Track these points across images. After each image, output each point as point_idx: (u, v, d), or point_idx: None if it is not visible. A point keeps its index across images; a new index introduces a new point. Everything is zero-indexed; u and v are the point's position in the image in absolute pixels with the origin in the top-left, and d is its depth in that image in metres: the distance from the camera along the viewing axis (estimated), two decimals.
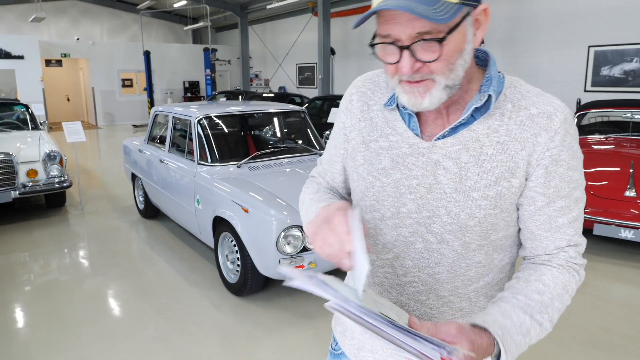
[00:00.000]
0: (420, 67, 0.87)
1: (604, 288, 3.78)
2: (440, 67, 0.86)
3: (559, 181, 0.92)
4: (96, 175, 8.22)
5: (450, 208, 0.95)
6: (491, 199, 0.93)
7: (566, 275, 0.94)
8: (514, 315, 0.87)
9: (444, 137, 0.96)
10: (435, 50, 0.84)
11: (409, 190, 0.98)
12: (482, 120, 0.94)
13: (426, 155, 0.97)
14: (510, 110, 0.94)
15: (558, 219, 0.94)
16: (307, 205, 1.12)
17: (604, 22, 9.27)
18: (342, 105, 1.14)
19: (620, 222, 4.16)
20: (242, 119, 4.70)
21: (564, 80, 10.04)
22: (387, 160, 1.01)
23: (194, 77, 19.44)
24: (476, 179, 0.93)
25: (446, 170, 0.95)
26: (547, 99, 0.94)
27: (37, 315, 3.40)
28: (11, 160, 5.22)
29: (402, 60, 0.86)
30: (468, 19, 0.86)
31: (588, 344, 3.02)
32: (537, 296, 0.91)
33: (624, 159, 4.66)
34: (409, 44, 0.84)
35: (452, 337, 0.77)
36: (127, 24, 20.62)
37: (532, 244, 0.98)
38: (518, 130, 0.92)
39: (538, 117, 0.92)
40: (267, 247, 3.16)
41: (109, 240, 4.93)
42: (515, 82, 0.98)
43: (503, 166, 0.92)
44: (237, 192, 3.52)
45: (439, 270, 1.00)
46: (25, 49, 14.80)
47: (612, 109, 5.79)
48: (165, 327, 3.23)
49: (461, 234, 0.96)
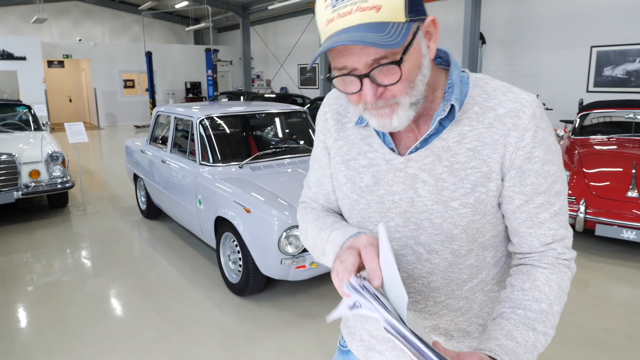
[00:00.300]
0: (383, 92, 0.86)
1: (605, 288, 3.77)
2: (402, 88, 0.86)
3: (535, 178, 0.92)
4: (98, 175, 8.24)
5: (433, 220, 0.95)
6: (471, 206, 0.93)
7: (558, 275, 0.93)
8: (517, 334, 0.88)
9: (416, 149, 0.95)
10: (395, 72, 0.83)
11: (393, 206, 0.99)
12: (451, 127, 0.93)
13: (403, 170, 0.97)
14: (478, 112, 0.92)
15: (539, 215, 0.93)
16: (313, 235, 1.09)
17: (607, 22, 9.26)
18: (318, 125, 1.13)
19: (622, 223, 4.15)
20: (243, 120, 4.70)
21: (566, 81, 10.02)
22: (368, 178, 1.01)
23: (195, 78, 19.47)
24: (453, 188, 0.93)
25: (424, 182, 0.95)
26: (514, 95, 0.92)
27: (39, 315, 3.41)
28: (14, 160, 5.24)
29: (363, 89, 0.85)
30: (419, 33, 0.85)
31: (589, 344, 3.01)
32: (536, 306, 0.91)
33: (627, 160, 4.65)
34: (368, 72, 0.83)
35: None
36: (129, 25, 20.65)
37: (518, 240, 0.98)
38: (487, 133, 0.91)
39: (505, 116, 0.91)
40: (269, 247, 3.16)
41: (111, 240, 4.94)
42: (481, 81, 0.96)
43: (477, 172, 0.92)
44: (239, 192, 3.52)
45: (432, 279, 1.00)
46: (27, 50, 14.84)
47: (615, 109, 5.78)
48: (166, 327, 3.23)
49: (448, 243, 0.97)
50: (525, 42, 10.64)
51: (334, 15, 0.81)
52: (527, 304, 0.91)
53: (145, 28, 20.09)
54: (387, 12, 0.79)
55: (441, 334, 1.07)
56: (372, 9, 0.78)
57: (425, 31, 0.87)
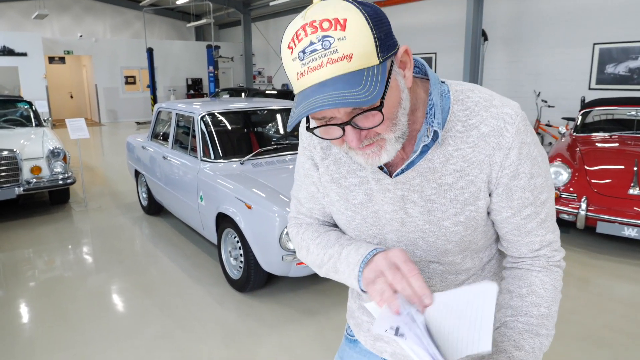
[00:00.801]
0: (367, 133, 0.84)
1: (606, 286, 3.77)
2: (385, 127, 0.83)
3: (522, 192, 0.92)
4: (99, 172, 8.24)
5: (427, 238, 0.97)
6: (462, 224, 0.94)
7: (552, 276, 0.97)
8: (524, 343, 0.91)
9: (402, 171, 0.94)
10: (376, 115, 0.80)
11: (388, 222, 0.99)
12: (435, 147, 0.92)
13: (392, 192, 0.96)
14: (461, 131, 0.90)
15: (527, 225, 0.95)
16: (318, 254, 1.06)
17: (609, 20, 9.23)
18: (303, 142, 1.10)
19: (623, 220, 4.14)
20: (245, 116, 4.70)
21: (568, 78, 10.00)
22: (361, 195, 1.01)
23: (196, 74, 19.45)
24: (443, 209, 0.93)
25: (414, 203, 0.95)
26: (497, 110, 0.90)
27: (41, 311, 3.41)
28: (15, 157, 5.24)
29: (347, 135, 0.82)
30: (394, 68, 0.82)
31: (589, 341, 3.01)
32: (536, 311, 0.94)
33: (628, 157, 4.64)
34: (349, 120, 0.80)
35: None
36: (130, 21, 20.62)
37: (507, 245, 1.00)
38: (472, 153, 0.90)
39: (489, 136, 0.89)
40: (270, 244, 3.16)
41: (113, 236, 4.94)
42: (462, 95, 0.92)
43: (466, 192, 0.92)
44: (240, 188, 3.52)
45: (432, 282, 1.04)
46: (28, 46, 14.83)
47: (617, 106, 5.76)
48: (168, 324, 3.24)
49: (443, 256, 0.99)
50: (527, 39, 10.60)
51: (304, 69, 0.77)
52: (527, 310, 0.94)
53: (147, 24, 20.06)
54: (359, 60, 0.75)
55: None
56: (344, 58, 0.74)
57: (400, 61, 0.84)
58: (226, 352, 2.91)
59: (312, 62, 0.76)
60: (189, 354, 2.89)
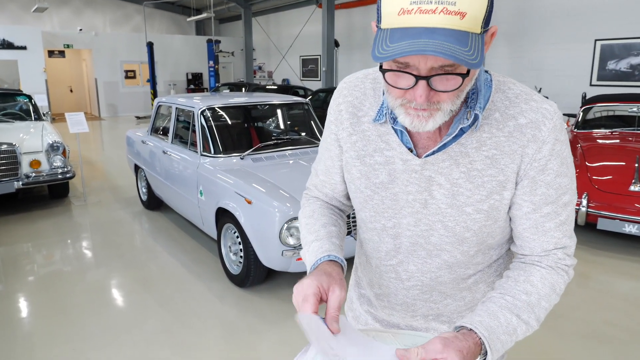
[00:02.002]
0: (433, 96, 0.82)
1: (607, 282, 3.76)
2: (450, 96, 0.82)
3: (546, 189, 0.92)
4: (99, 166, 8.23)
5: (446, 222, 0.97)
6: (484, 212, 0.94)
7: (555, 276, 0.95)
8: (500, 315, 0.89)
9: (433, 152, 0.94)
10: (455, 82, 0.80)
11: (407, 204, 0.99)
12: (471, 133, 0.92)
13: (419, 172, 0.96)
14: (499, 120, 0.91)
15: (545, 224, 0.94)
16: (303, 233, 1.11)
17: (611, 16, 9.19)
18: (331, 116, 1.09)
19: (624, 217, 4.13)
20: (245, 111, 4.68)
21: (569, 74, 9.97)
22: (384, 175, 1.00)
23: (197, 69, 19.39)
24: (468, 194, 0.94)
25: (439, 186, 0.95)
26: (536, 104, 0.91)
27: (40, 306, 3.41)
28: (14, 150, 5.22)
29: (417, 89, 0.80)
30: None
31: (590, 337, 3.01)
32: (525, 297, 0.92)
33: (630, 154, 4.62)
34: (429, 75, 0.78)
35: (440, 352, 0.78)
36: (130, 15, 20.54)
37: (520, 243, 0.99)
38: (507, 142, 0.91)
39: (526, 127, 0.90)
40: (270, 239, 3.15)
41: (112, 231, 4.93)
42: (504, 86, 0.94)
43: (494, 180, 0.92)
44: (240, 183, 3.51)
45: (440, 273, 1.03)
46: (27, 40, 14.76)
47: (618, 103, 5.74)
48: (167, 319, 3.23)
49: (458, 244, 0.98)
50: (529, 35, 10.57)
51: (414, 7, 0.73)
52: (516, 294, 0.92)
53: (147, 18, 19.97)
54: (469, 22, 0.74)
55: (444, 322, 1.12)
56: (457, 14, 0.73)
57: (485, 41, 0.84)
58: (225, 347, 2.91)
59: (425, 4, 0.73)
60: (189, 349, 2.88)
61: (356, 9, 14.94)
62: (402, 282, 1.07)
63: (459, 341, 0.81)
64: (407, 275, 1.06)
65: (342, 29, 15.32)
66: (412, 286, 1.07)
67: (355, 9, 14.94)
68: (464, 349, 0.80)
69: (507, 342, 0.88)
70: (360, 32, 15.03)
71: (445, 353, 0.77)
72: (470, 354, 0.81)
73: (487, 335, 0.84)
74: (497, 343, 0.85)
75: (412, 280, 1.06)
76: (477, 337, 0.84)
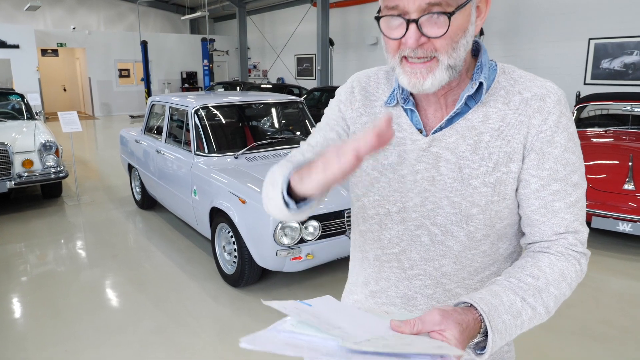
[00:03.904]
0: (425, 43, 0.85)
1: (601, 280, 3.78)
2: (444, 45, 0.85)
3: (553, 163, 0.91)
4: (92, 165, 8.18)
5: (452, 198, 0.95)
6: (491, 185, 0.93)
7: (564, 263, 0.90)
8: (503, 295, 0.84)
9: (441, 129, 0.96)
10: (443, 25, 0.83)
11: (414, 185, 0.99)
12: (477, 108, 0.94)
13: (427, 150, 0.97)
14: (504, 96, 0.94)
15: (554, 203, 0.92)
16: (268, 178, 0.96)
17: (605, 15, 9.22)
18: (341, 96, 1.10)
19: (618, 215, 4.15)
20: (239, 110, 4.66)
21: (563, 73, 10.00)
22: (394, 156, 1.00)
23: (191, 68, 19.32)
24: (474, 166, 0.93)
25: (446, 161, 0.95)
26: (540, 82, 0.94)
27: (33, 306, 3.38)
28: (6, 150, 5.18)
29: (407, 33, 0.84)
30: (473, 1, 0.87)
31: (584, 335, 3.02)
32: (532, 280, 0.87)
33: (623, 152, 4.64)
34: (417, 17, 0.83)
35: (438, 323, 0.75)
36: (124, 14, 20.43)
37: (530, 230, 0.96)
38: (512, 114, 0.92)
39: (531, 99, 0.92)
40: (264, 239, 3.14)
41: (106, 231, 4.90)
42: (508, 69, 0.97)
43: (500, 152, 0.92)
44: (234, 182, 3.49)
45: (444, 262, 1.00)
46: (20, 38, 14.65)
47: (612, 101, 5.76)
48: (162, 319, 3.21)
49: (465, 223, 0.96)
50: (523, 33, 10.59)
51: None
52: (522, 277, 0.88)
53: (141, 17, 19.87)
54: None
55: None
56: None
57: (477, 5, 0.89)
58: (220, 347, 2.89)
59: None
60: (183, 349, 2.87)
61: (351, 8, 14.92)
62: (404, 272, 1.03)
63: (458, 314, 0.77)
64: (409, 263, 1.02)
65: (337, 27, 15.30)
66: (414, 275, 1.03)
67: (350, 7, 14.93)
68: (463, 322, 0.76)
69: (511, 324, 0.82)
70: (355, 31, 15.02)
71: (444, 325, 0.74)
72: (469, 328, 0.77)
73: (487, 311, 0.80)
74: (499, 322, 0.80)
75: (415, 269, 1.02)
76: (477, 313, 0.80)
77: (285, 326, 0.74)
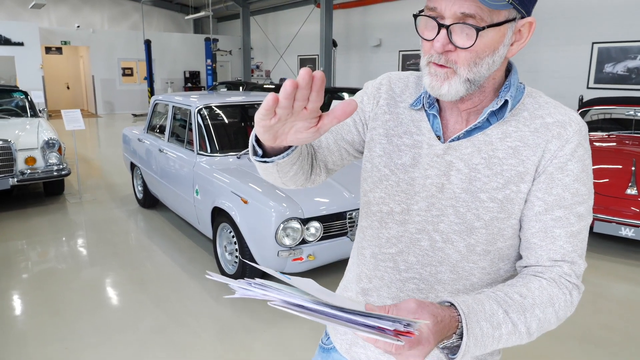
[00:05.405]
0: (451, 52, 0.87)
1: (603, 285, 3.77)
2: (466, 58, 0.86)
3: (561, 190, 0.90)
4: (95, 164, 8.19)
5: (458, 208, 0.95)
6: (499, 201, 0.93)
7: (555, 289, 0.88)
8: (487, 304, 0.83)
9: (458, 139, 0.97)
10: (471, 37, 0.84)
11: (422, 189, 0.99)
12: (498, 125, 0.94)
13: (441, 157, 0.98)
14: (526, 118, 0.94)
15: (555, 230, 0.90)
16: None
17: (608, 19, 9.21)
18: (368, 89, 1.12)
19: (620, 220, 4.14)
20: (242, 110, 4.66)
21: (566, 77, 9.99)
22: (407, 157, 1.02)
23: (194, 67, 19.34)
24: (485, 180, 0.94)
25: (458, 171, 0.96)
26: (564, 110, 0.95)
27: (34, 304, 3.38)
28: (9, 147, 5.19)
29: (437, 36, 0.86)
30: (512, 24, 0.87)
31: (586, 340, 3.01)
32: (518, 297, 0.86)
33: (626, 157, 4.63)
34: (449, 24, 0.84)
35: (413, 312, 0.74)
36: (128, 12, 20.47)
37: (527, 253, 0.94)
38: (531, 136, 0.92)
39: (552, 125, 0.92)
40: (266, 239, 3.14)
41: (107, 229, 4.91)
42: (535, 93, 0.98)
43: (513, 170, 0.92)
44: (237, 182, 3.49)
45: (441, 269, 0.99)
46: (25, 36, 14.69)
47: (615, 106, 5.75)
48: (162, 318, 3.21)
49: (467, 234, 0.96)
50: None
51: None
52: (510, 292, 0.87)
53: (145, 16, 19.92)
54: None
55: None
56: None
57: (518, 29, 0.89)
58: (221, 347, 2.89)
59: None
60: (183, 349, 2.87)
61: (355, 9, 14.93)
62: (399, 273, 1.03)
63: (435, 308, 0.77)
64: (405, 265, 1.02)
65: (341, 29, 15.31)
66: (409, 278, 1.02)
67: (354, 9, 14.93)
68: (438, 315, 0.75)
69: (488, 334, 0.80)
70: (359, 33, 15.02)
71: (418, 314, 0.74)
72: (444, 324, 0.76)
73: (466, 312, 0.79)
74: (476, 327, 0.79)
75: (410, 272, 1.02)
76: (455, 312, 0.79)
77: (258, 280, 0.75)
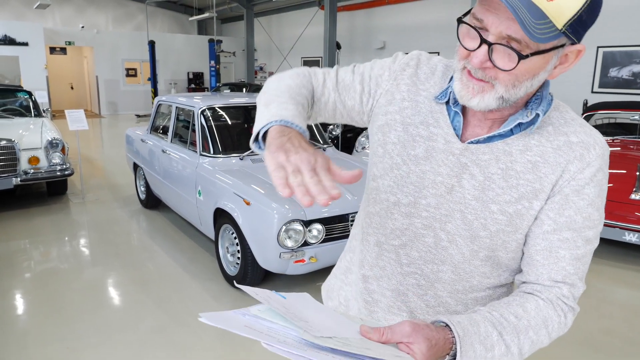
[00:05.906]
0: (489, 68, 0.83)
1: (606, 290, 3.74)
2: (506, 79, 0.83)
3: (574, 213, 0.88)
4: (98, 164, 8.20)
5: (466, 214, 0.93)
6: (509, 215, 0.91)
7: (550, 311, 0.89)
8: (482, 325, 0.83)
9: (478, 142, 0.93)
10: (512, 62, 0.80)
11: (432, 185, 0.96)
12: (520, 136, 0.91)
13: (456, 156, 0.94)
14: (550, 132, 0.91)
15: (560, 250, 0.89)
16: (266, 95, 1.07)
17: (613, 23, 9.19)
18: (394, 65, 1.06)
19: (624, 225, 4.12)
20: (245, 111, 4.66)
21: (571, 81, 9.96)
22: (421, 149, 0.98)
23: (198, 68, 19.38)
24: (499, 192, 0.91)
25: (472, 176, 0.93)
26: (590, 130, 0.92)
27: (36, 303, 3.38)
28: (13, 146, 5.20)
29: (477, 51, 0.82)
30: (559, 50, 0.82)
31: (588, 345, 2.99)
32: (514, 319, 0.86)
33: (631, 162, 4.61)
34: (493, 42, 0.80)
35: (408, 335, 0.74)
36: (132, 13, 20.53)
37: (528, 269, 0.93)
38: (553, 153, 0.90)
39: (576, 145, 0.89)
40: (268, 241, 3.13)
41: (110, 229, 4.91)
42: (562, 107, 0.95)
43: (529, 186, 0.90)
44: (239, 184, 3.49)
45: (443, 268, 0.98)
46: (29, 36, 14.75)
47: (620, 110, 5.73)
48: (163, 319, 3.21)
49: (470, 241, 0.94)
50: None
51: None
52: (505, 313, 0.87)
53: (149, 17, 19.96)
54: (554, 8, 0.75)
55: None
56: None
57: (565, 54, 0.84)
58: (221, 348, 2.88)
59: None
60: (184, 349, 2.86)
61: (359, 12, 14.93)
62: (400, 267, 1.02)
63: (430, 330, 0.76)
64: (407, 260, 1.01)
65: (344, 31, 15.31)
66: (410, 273, 1.01)
67: (358, 11, 14.94)
68: (432, 339, 0.75)
69: (481, 356, 0.81)
70: (362, 35, 15.03)
71: (413, 337, 0.73)
72: (438, 346, 0.76)
73: (461, 335, 0.79)
74: (470, 350, 0.79)
75: (411, 267, 1.00)
76: (450, 334, 0.78)
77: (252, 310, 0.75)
